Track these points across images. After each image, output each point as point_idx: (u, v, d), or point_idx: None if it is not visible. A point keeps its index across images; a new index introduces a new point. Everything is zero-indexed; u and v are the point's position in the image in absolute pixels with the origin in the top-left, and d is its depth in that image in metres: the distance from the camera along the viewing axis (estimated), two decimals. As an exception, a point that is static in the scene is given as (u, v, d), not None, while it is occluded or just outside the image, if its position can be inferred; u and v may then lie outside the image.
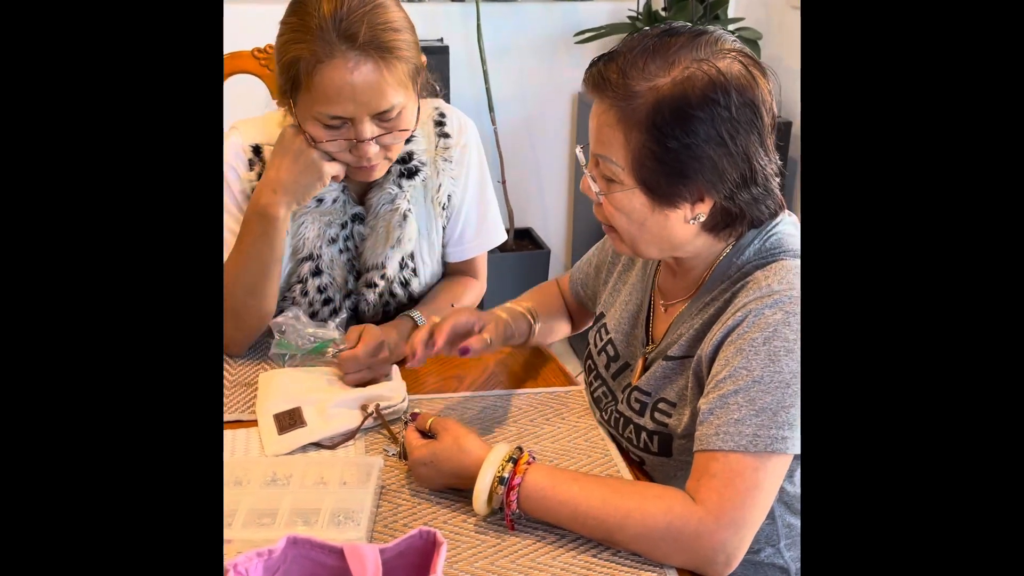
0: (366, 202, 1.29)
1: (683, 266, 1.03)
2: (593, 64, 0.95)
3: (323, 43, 1.08)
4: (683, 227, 0.95)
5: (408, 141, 1.25)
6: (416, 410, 1.10)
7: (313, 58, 1.08)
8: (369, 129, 1.14)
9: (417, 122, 1.20)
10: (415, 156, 1.28)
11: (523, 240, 2.81)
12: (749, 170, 0.92)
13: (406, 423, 1.08)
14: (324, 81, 1.09)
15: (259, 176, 1.23)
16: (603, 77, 0.92)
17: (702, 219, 0.94)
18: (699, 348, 0.96)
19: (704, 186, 0.91)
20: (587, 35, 2.58)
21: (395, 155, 1.22)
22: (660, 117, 0.88)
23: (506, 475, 0.92)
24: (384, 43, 1.10)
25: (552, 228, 2.97)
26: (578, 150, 1.02)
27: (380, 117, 1.14)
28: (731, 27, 2.55)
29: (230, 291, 1.21)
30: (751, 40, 2.51)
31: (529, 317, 1.22)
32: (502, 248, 1.46)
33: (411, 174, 1.28)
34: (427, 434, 1.01)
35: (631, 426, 1.05)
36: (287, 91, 1.14)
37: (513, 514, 0.93)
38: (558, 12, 2.67)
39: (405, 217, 1.28)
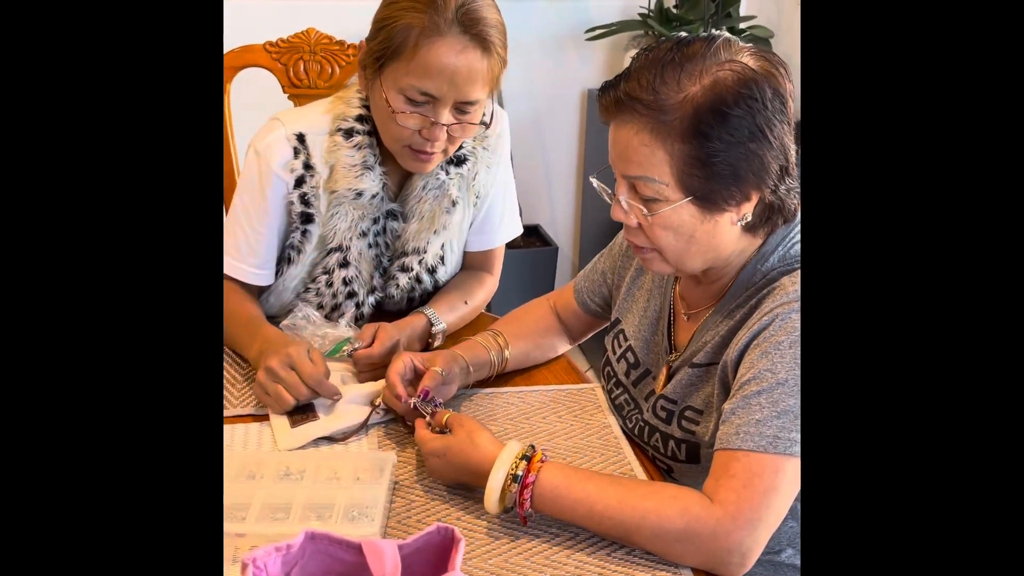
0: (410, 184, 1.30)
1: (708, 275, 1.03)
2: (609, 88, 0.94)
3: (441, 19, 1.12)
4: (729, 231, 0.95)
5: None
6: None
7: (430, 29, 1.11)
8: (447, 115, 1.16)
9: (490, 125, 1.24)
10: (464, 144, 1.30)
11: (531, 237, 2.80)
12: (785, 160, 0.93)
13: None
14: (430, 54, 1.12)
15: (304, 165, 1.23)
16: (631, 97, 0.91)
17: (748, 219, 0.95)
18: (724, 354, 0.96)
19: (751, 183, 0.92)
20: (598, 32, 2.57)
21: (451, 151, 1.24)
22: (702, 123, 0.89)
23: (519, 473, 0.91)
24: (491, 40, 1.14)
25: (560, 225, 2.96)
26: (594, 181, 1.02)
27: (460, 108, 1.17)
28: (742, 25, 2.54)
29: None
30: (762, 38, 2.50)
31: (487, 347, 1.19)
32: (510, 245, 1.46)
33: (459, 162, 1.30)
34: (443, 431, 1.01)
35: (657, 434, 1.05)
36: (379, 56, 1.16)
37: (526, 512, 0.92)
38: (568, 9, 2.66)
39: (454, 204, 1.31)
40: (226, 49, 1.57)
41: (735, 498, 0.85)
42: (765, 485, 0.85)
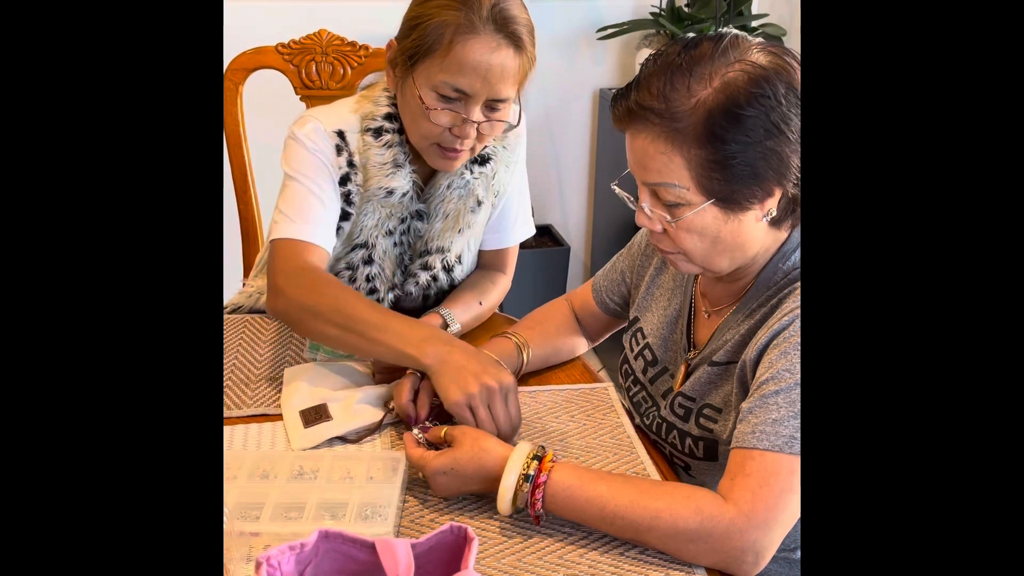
0: (434, 184, 1.31)
1: (731, 273, 1.03)
2: (620, 98, 0.94)
3: (476, 17, 1.13)
4: (755, 228, 0.95)
5: None
6: (427, 423, 1.06)
7: (465, 26, 1.13)
8: (478, 113, 1.18)
9: (518, 123, 1.25)
10: (488, 144, 1.30)
11: (543, 237, 2.80)
12: None
13: (422, 433, 1.01)
14: (464, 51, 1.13)
15: (348, 163, 1.24)
16: (642, 106, 0.91)
17: (773, 214, 0.94)
18: (744, 353, 0.96)
19: (772, 179, 0.92)
20: (610, 31, 2.57)
21: (478, 150, 1.25)
22: (716, 126, 0.88)
23: (531, 472, 0.91)
24: (523, 38, 1.16)
25: (572, 225, 2.97)
26: (616, 189, 1.02)
27: (491, 106, 1.18)
28: (755, 23, 2.53)
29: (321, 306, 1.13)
30: (775, 37, 2.49)
31: (506, 354, 1.19)
32: (522, 245, 1.46)
33: (483, 161, 1.31)
34: (441, 447, 0.99)
35: (675, 431, 1.05)
36: (412, 54, 1.17)
37: (538, 513, 0.92)
38: (580, 8, 2.67)
39: (480, 203, 1.32)
40: (238, 51, 1.58)
41: (750, 497, 0.85)
42: (781, 485, 0.85)
